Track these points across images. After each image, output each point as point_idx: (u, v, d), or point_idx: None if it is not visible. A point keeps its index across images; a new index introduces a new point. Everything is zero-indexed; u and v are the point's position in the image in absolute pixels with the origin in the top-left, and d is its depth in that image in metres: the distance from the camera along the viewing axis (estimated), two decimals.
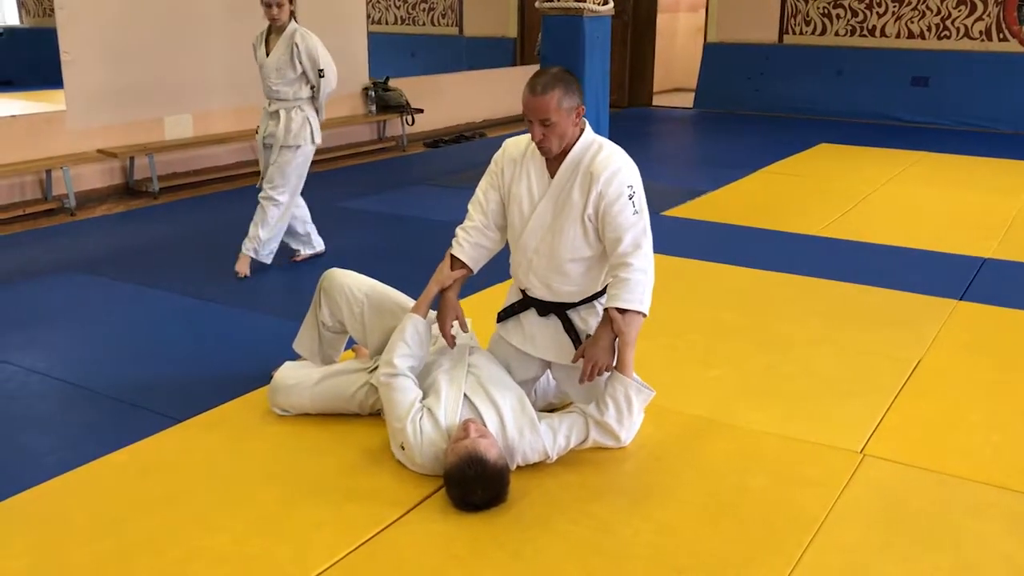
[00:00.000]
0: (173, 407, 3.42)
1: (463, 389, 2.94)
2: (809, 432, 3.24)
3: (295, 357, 3.54)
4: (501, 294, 3.36)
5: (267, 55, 4.96)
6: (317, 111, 5.10)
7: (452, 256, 3.14)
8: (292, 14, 4.95)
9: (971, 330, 4.23)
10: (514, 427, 2.88)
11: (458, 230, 3.16)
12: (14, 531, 2.64)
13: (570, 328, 3.10)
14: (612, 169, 2.90)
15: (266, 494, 2.82)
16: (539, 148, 2.94)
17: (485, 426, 2.85)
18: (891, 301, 4.59)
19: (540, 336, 3.14)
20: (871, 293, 4.72)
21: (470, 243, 3.12)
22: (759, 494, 2.85)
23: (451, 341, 3.09)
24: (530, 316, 3.15)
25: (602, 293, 3.09)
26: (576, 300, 3.10)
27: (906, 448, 3.13)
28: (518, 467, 2.91)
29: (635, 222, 2.91)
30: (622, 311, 2.88)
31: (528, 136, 3.02)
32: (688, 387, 3.60)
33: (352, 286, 3.35)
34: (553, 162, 3.00)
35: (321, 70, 4.96)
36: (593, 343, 2.95)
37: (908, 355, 3.91)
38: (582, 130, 2.99)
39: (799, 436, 3.21)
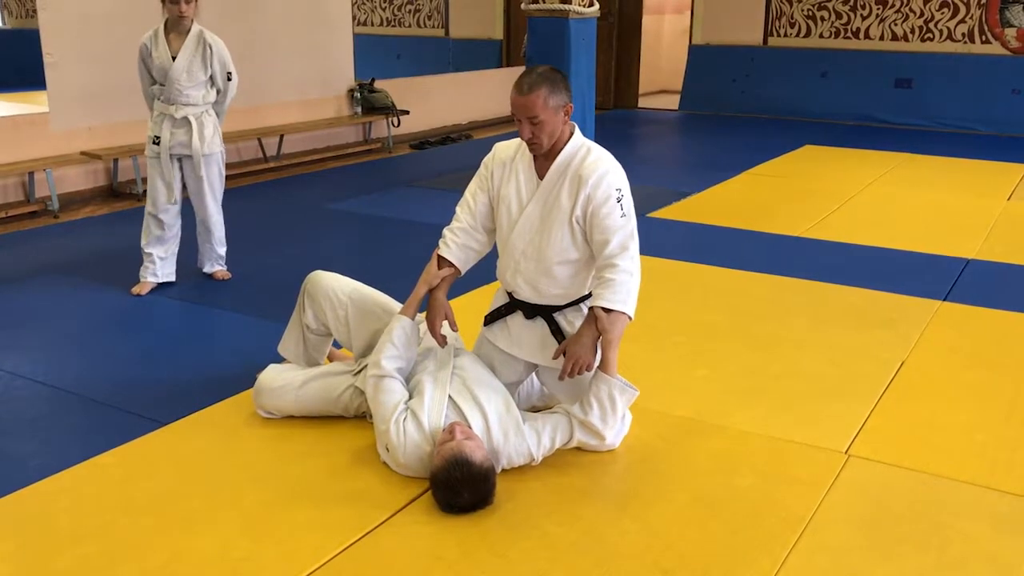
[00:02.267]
0: (158, 410, 3.40)
1: (448, 391, 2.94)
2: (794, 432, 3.25)
3: (280, 359, 3.53)
4: (487, 296, 3.36)
5: (172, 57, 4.61)
6: (219, 115, 4.85)
7: (439, 256, 3.13)
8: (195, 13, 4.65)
9: (955, 330, 4.25)
10: (499, 430, 2.88)
11: (445, 231, 3.16)
12: None
13: (557, 331, 3.10)
14: (600, 172, 2.91)
15: (252, 496, 2.81)
16: (529, 146, 2.95)
17: (470, 428, 2.84)
18: (875, 302, 4.62)
19: (527, 339, 3.14)
20: (855, 294, 4.74)
21: (457, 244, 3.12)
22: (745, 494, 2.85)
23: (441, 341, 3.08)
24: (516, 319, 3.15)
25: (589, 296, 3.09)
26: (563, 303, 3.10)
27: (891, 448, 3.15)
28: (504, 470, 2.90)
29: (623, 225, 2.91)
30: (607, 311, 2.89)
31: (517, 140, 3.04)
32: (674, 388, 3.60)
33: (336, 288, 3.34)
34: (542, 164, 3.01)
35: (230, 73, 4.77)
36: (575, 340, 2.94)
37: (892, 356, 3.93)
38: (571, 132, 3.00)
39: (784, 436, 3.22)
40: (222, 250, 5.00)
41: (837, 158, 8.66)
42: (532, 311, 3.12)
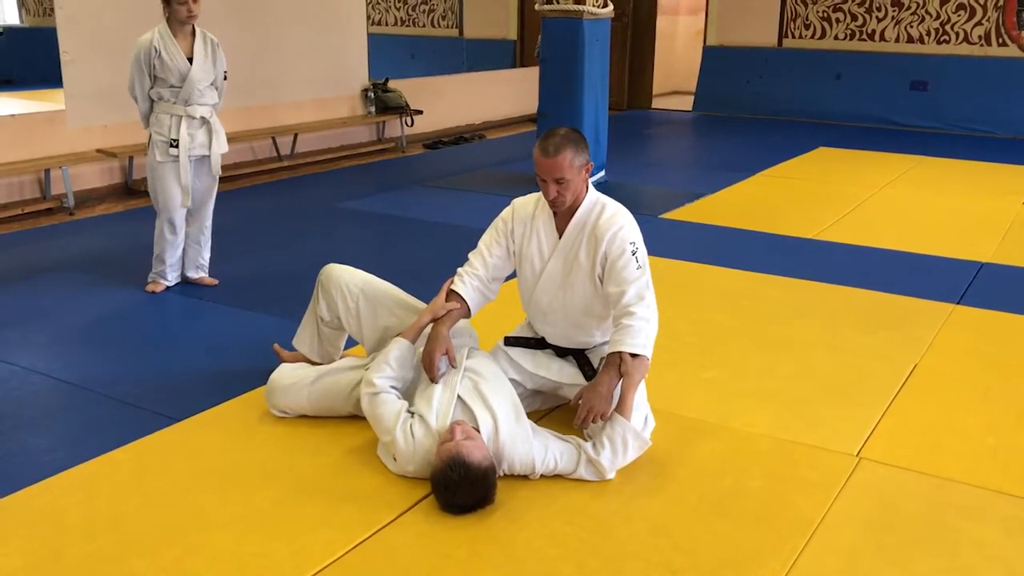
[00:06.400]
0: (171, 406, 3.42)
1: (457, 391, 2.94)
2: (805, 435, 3.24)
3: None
4: (503, 292, 3.36)
5: (188, 58, 4.56)
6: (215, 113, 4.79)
7: (450, 290, 3.16)
8: None
9: (968, 334, 4.23)
10: (507, 434, 2.86)
11: (460, 270, 3.20)
12: (11, 529, 2.65)
13: (586, 363, 3.19)
14: (615, 229, 3.00)
15: (263, 494, 2.83)
16: (552, 204, 3.03)
17: (478, 429, 2.83)
18: (889, 304, 4.60)
19: (556, 366, 3.23)
20: (869, 296, 4.72)
21: (473, 286, 3.16)
22: (755, 496, 2.85)
23: (436, 377, 3.00)
24: (547, 352, 3.26)
25: None
26: (595, 344, 3.21)
27: (902, 451, 3.14)
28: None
29: (638, 276, 2.98)
30: (631, 355, 2.91)
31: (534, 196, 3.15)
32: (685, 389, 3.60)
33: (348, 281, 3.37)
34: (561, 221, 3.09)
35: (226, 71, 4.76)
36: (593, 388, 2.95)
37: (905, 358, 3.91)
38: (587, 188, 3.08)
39: (795, 438, 3.22)
40: (208, 255, 4.93)
41: (851, 160, 8.63)
42: (563, 351, 3.23)
